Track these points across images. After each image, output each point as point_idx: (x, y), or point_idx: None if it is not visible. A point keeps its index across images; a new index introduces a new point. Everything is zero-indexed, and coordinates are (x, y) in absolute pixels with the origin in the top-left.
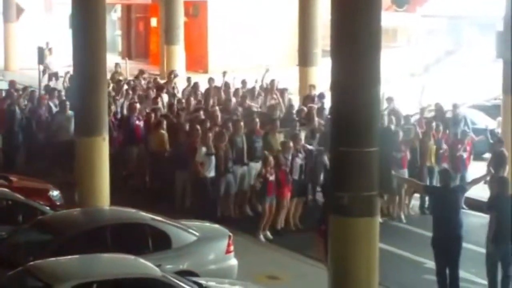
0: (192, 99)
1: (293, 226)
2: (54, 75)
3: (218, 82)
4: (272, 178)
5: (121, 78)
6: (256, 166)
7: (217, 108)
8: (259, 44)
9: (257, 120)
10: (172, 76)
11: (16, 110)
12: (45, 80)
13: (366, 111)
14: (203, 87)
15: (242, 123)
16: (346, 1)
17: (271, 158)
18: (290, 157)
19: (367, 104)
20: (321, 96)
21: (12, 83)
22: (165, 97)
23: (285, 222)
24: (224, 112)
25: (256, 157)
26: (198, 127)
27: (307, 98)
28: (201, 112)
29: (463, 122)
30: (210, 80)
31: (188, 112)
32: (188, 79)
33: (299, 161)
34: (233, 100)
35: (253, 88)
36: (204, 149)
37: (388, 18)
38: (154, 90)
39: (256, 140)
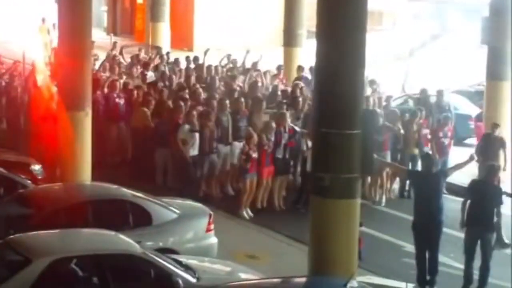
0: (173, 76)
1: (277, 206)
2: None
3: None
4: (254, 155)
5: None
6: (240, 145)
7: (198, 86)
8: (245, 23)
9: (242, 99)
10: (156, 52)
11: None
12: None
13: (349, 93)
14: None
15: (227, 102)
16: None
17: (255, 136)
18: (272, 137)
19: (351, 86)
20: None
21: None
22: (149, 74)
23: (268, 202)
24: (206, 90)
25: (240, 137)
26: (182, 103)
27: (296, 80)
28: (186, 91)
29: (447, 108)
30: (188, 58)
31: (170, 90)
32: (167, 54)
33: (283, 140)
34: (216, 79)
35: (234, 67)
36: (187, 126)
37: (375, 0)
38: (138, 67)
39: (240, 120)
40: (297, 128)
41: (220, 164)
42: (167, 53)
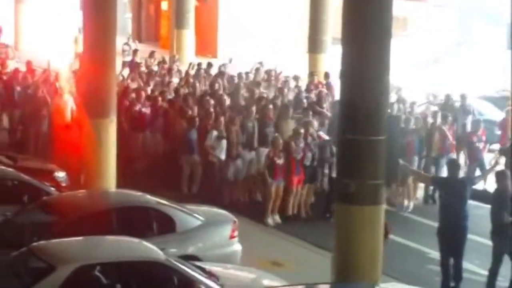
0: (197, 84)
1: (304, 213)
2: None
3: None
4: (279, 161)
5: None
6: (266, 151)
7: (223, 93)
8: (270, 30)
9: (270, 106)
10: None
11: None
12: None
13: (374, 99)
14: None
15: (253, 108)
16: None
17: (280, 141)
18: (301, 144)
19: (376, 92)
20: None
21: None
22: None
23: (297, 208)
24: (230, 97)
25: (267, 143)
26: (212, 110)
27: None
28: (208, 98)
29: (472, 113)
30: (210, 64)
31: (194, 97)
32: (199, 64)
33: (312, 148)
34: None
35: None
36: (215, 133)
37: (399, 6)
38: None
39: (267, 126)
40: (323, 135)
41: (245, 170)
42: (199, 63)
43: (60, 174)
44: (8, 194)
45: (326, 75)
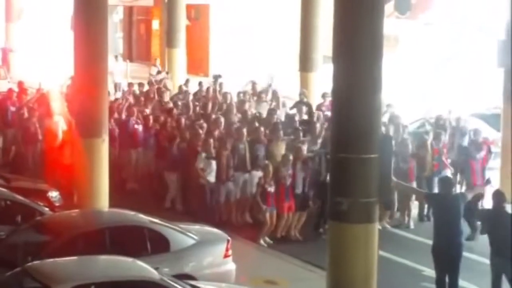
0: (191, 104)
1: (293, 236)
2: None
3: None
4: (270, 189)
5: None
6: (258, 174)
7: (219, 115)
8: (261, 48)
9: (262, 128)
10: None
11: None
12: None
13: (366, 117)
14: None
15: (244, 130)
16: (348, 7)
17: (270, 168)
18: (290, 170)
19: (367, 110)
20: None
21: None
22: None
23: (286, 230)
24: (224, 117)
25: (258, 166)
26: (201, 131)
27: (320, 106)
28: (201, 121)
29: (468, 134)
30: (201, 83)
31: (188, 117)
32: (200, 84)
33: (301, 174)
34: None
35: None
36: (204, 155)
37: (390, 25)
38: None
39: (259, 148)
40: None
41: (237, 192)
42: (187, 81)
43: (54, 194)
44: (1, 214)
45: (324, 96)
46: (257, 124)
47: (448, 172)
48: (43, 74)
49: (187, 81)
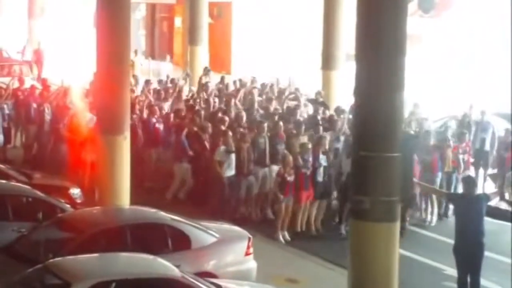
0: (211, 100)
1: (315, 230)
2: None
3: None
4: (290, 178)
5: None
6: (277, 169)
7: (241, 108)
8: (283, 46)
9: (281, 123)
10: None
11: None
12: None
13: (388, 116)
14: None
15: (265, 125)
16: (371, 5)
17: (290, 158)
18: (310, 159)
19: (390, 109)
20: None
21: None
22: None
23: (307, 225)
24: (246, 113)
25: (278, 160)
26: (223, 126)
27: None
28: (220, 115)
29: (491, 129)
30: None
31: (208, 112)
32: (222, 79)
33: (323, 163)
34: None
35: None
36: (223, 147)
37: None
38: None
39: (278, 143)
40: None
41: (258, 187)
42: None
43: (75, 191)
44: (23, 211)
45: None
46: (276, 119)
47: (471, 172)
48: (65, 71)
49: (222, 78)
